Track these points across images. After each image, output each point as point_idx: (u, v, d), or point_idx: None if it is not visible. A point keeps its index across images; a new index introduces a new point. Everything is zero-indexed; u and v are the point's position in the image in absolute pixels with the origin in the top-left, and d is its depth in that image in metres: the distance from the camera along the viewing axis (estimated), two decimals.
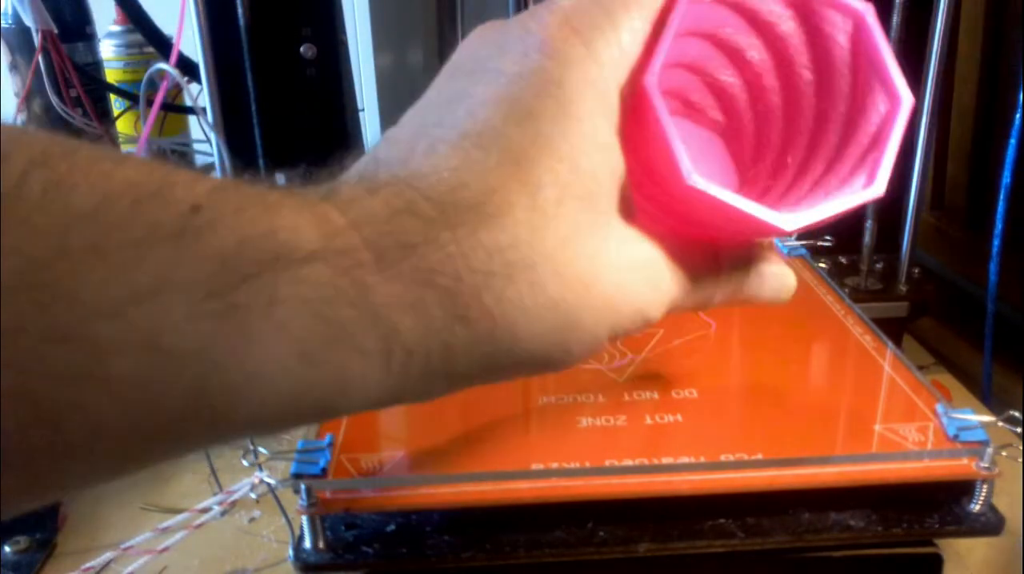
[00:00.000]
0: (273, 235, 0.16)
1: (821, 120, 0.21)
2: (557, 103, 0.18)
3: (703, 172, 0.18)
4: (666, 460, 0.27)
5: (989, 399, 0.53)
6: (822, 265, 0.49)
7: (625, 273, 0.20)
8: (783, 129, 0.22)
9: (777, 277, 0.24)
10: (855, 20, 0.19)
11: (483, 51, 0.19)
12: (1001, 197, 0.50)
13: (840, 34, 0.20)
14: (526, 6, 0.54)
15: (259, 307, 0.15)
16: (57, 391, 0.14)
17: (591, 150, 0.18)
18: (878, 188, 0.19)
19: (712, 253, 0.22)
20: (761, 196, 0.21)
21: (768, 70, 0.21)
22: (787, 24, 0.20)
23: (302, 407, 0.17)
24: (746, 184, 0.23)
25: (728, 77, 0.22)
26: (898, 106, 0.19)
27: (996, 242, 0.50)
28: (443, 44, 0.68)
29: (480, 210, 0.18)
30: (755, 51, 0.21)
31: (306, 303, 0.16)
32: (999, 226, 0.50)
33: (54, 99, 0.60)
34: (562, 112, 0.18)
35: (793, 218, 0.18)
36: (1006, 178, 0.49)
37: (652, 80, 0.18)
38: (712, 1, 0.19)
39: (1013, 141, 0.49)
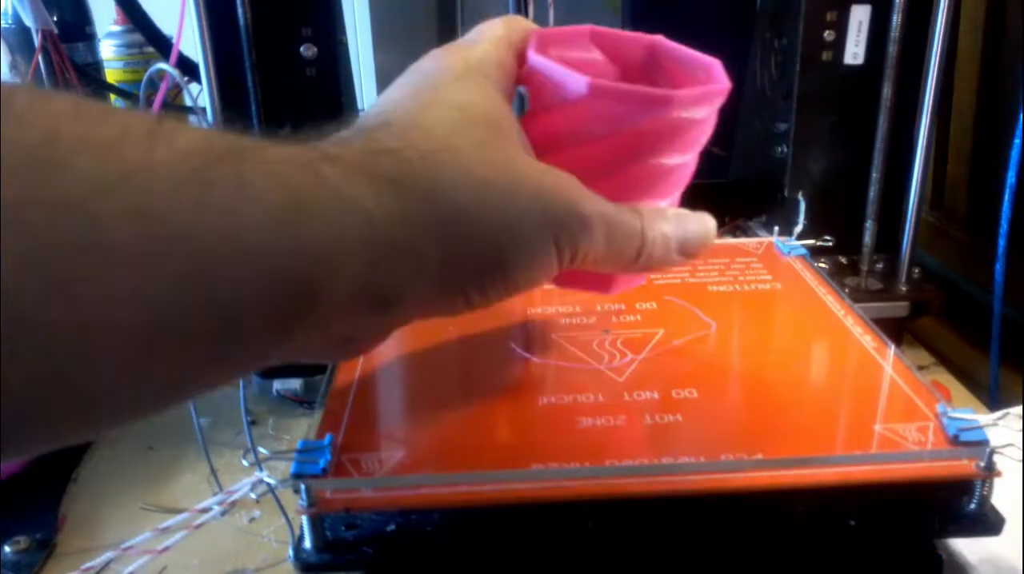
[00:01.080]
0: (232, 134, 0.19)
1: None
2: (449, 71, 0.25)
3: None
4: (666, 460, 0.27)
5: (996, 402, 0.53)
6: (822, 265, 0.49)
7: (546, 176, 0.24)
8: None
9: (698, 217, 0.28)
10: (655, 43, 0.29)
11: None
12: (1006, 198, 0.50)
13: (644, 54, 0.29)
14: (526, 6, 0.54)
15: (232, 183, 0.18)
16: (67, 261, 0.15)
17: (481, 99, 0.24)
18: (725, 84, 0.26)
19: (628, 204, 0.27)
20: None
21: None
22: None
23: (288, 282, 0.19)
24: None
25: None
26: (712, 65, 0.27)
27: (1002, 242, 0.50)
28: (443, 44, 0.68)
29: (408, 121, 0.23)
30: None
31: (272, 178, 0.19)
32: (1005, 226, 0.50)
33: None
34: (453, 76, 0.25)
35: (679, 93, 0.25)
36: (1011, 178, 0.49)
37: (532, 47, 0.27)
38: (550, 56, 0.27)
39: (1018, 141, 0.49)
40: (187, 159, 0.17)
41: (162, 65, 0.49)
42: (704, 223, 0.28)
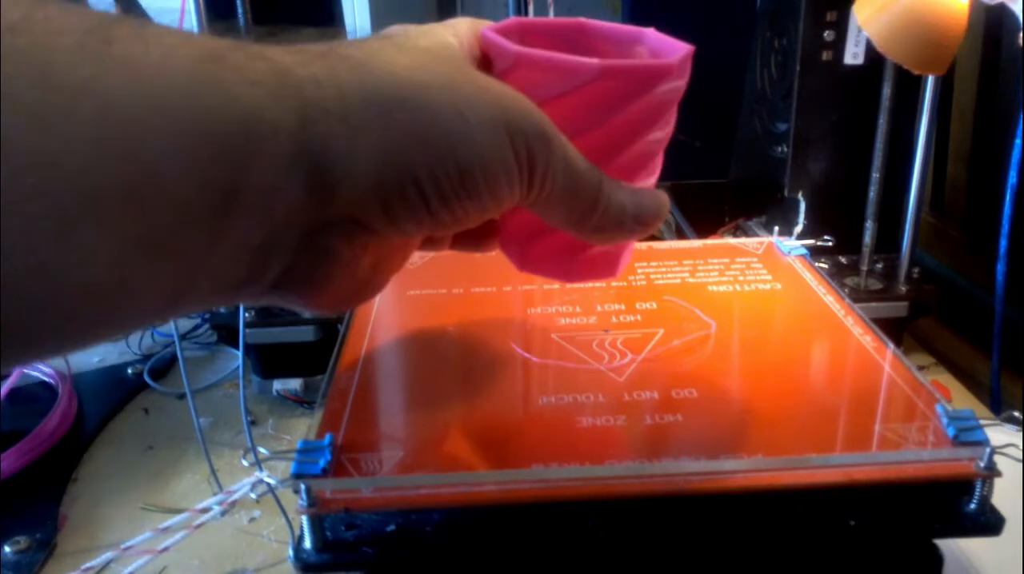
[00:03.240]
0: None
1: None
2: (402, 31, 0.25)
3: None
4: (666, 460, 0.28)
5: (998, 405, 0.53)
6: (822, 265, 0.49)
7: (504, 86, 0.22)
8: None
9: (653, 191, 0.27)
10: (582, 25, 0.28)
11: None
12: (1008, 198, 0.50)
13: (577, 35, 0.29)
14: (526, 6, 0.54)
15: (136, 39, 0.16)
16: None
17: (436, 43, 0.24)
18: (686, 45, 0.26)
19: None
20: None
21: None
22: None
23: (215, 139, 0.17)
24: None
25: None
26: (643, 34, 0.27)
27: (1003, 242, 0.50)
28: None
29: (358, 47, 0.22)
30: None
31: (182, 39, 0.17)
32: (1006, 226, 0.50)
33: None
34: (406, 33, 0.24)
35: (673, 61, 0.24)
36: (1012, 178, 0.49)
37: (487, 29, 0.26)
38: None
39: (1018, 142, 0.49)
40: (83, 19, 0.16)
41: None
42: (659, 197, 0.27)
